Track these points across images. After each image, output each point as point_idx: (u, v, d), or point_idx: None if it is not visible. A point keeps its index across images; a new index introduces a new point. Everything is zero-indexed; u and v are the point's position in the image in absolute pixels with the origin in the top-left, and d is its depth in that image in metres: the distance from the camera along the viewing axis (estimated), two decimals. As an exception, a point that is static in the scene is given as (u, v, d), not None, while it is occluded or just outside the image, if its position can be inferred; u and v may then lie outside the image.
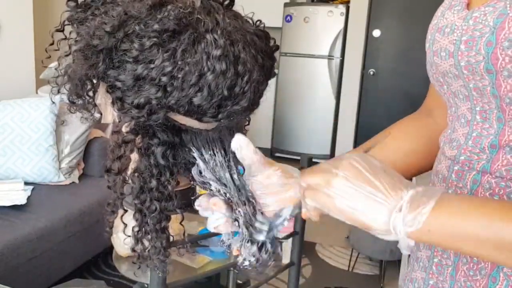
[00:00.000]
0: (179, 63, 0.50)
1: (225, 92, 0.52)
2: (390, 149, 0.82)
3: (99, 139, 3.00)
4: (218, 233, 0.64)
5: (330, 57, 4.92)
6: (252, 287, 1.79)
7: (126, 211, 0.64)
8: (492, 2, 0.59)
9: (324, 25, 4.89)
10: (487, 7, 0.60)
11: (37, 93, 3.30)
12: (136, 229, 0.64)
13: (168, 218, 0.64)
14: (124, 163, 0.59)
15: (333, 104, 5.00)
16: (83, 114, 0.59)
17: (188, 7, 0.52)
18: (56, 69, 0.56)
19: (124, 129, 0.58)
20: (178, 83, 0.51)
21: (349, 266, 3.00)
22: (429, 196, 0.51)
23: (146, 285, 1.29)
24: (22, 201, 2.40)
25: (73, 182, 2.78)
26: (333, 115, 5.02)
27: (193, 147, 0.61)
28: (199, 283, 2.06)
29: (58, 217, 2.37)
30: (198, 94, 0.51)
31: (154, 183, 0.61)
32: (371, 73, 4.92)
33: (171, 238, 0.68)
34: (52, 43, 0.57)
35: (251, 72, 0.54)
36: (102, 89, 0.56)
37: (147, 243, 0.65)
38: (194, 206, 0.64)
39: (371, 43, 4.89)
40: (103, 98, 0.57)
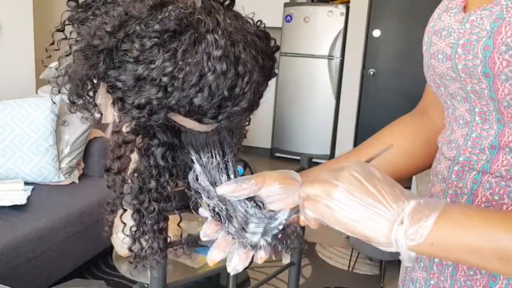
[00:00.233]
0: (180, 63, 0.50)
1: (226, 93, 0.52)
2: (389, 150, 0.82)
3: (99, 139, 3.00)
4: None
5: (330, 57, 4.92)
6: (252, 287, 1.79)
7: (126, 211, 0.64)
8: (489, 6, 0.60)
9: (324, 25, 4.89)
10: (483, 10, 0.60)
11: (37, 93, 3.30)
12: (134, 229, 0.64)
13: (166, 219, 0.64)
14: (124, 163, 0.59)
15: (333, 104, 5.00)
16: (83, 114, 0.59)
17: (189, 7, 0.52)
18: (56, 69, 0.56)
19: (125, 129, 0.58)
20: (178, 84, 0.51)
21: (349, 266, 3.00)
22: (431, 208, 0.50)
23: (146, 285, 1.29)
24: (22, 201, 2.40)
25: (73, 182, 2.78)
26: (333, 115, 5.02)
27: (192, 149, 0.61)
28: (199, 283, 2.07)
29: (58, 217, 2.37)
30: (199, 95, 0.51)
31: (153, 184, 0.61)
32: (371, 73, 4.92)
33: (168, 239, 0.68)
34: (53, 43, 0.57)
35: (251, 72, 0.54)
36: (102, 89, 0.56)
37: (144, 243, 0.65)
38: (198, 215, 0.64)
39: (371, 43, 4.89)
40: (103, 98, 0.57)
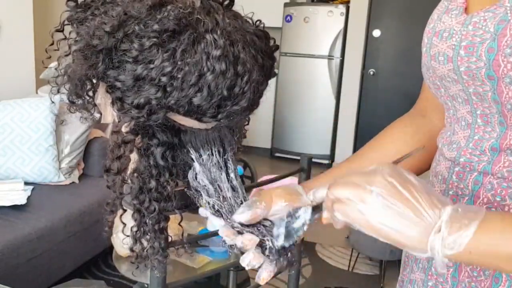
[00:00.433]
0: (179, 63, 0.50)
1: (225, 92, 0.52)
2: (392, 152, 0.81)
3: (99, 139, 3.00)
4: (218, 233, 0.64)
5: (330, 57, 4.92)
6: (252, 287, 1.79)
7: (125, 211, 0.64)
8: (492, 8, 0.59)
9: (324, 25, 4.89)
10: (486, 12, 0.59)
11: (37, 93, 3.30)
12: (135, 229, 0.64)
13: (166, 219, 0.64)
14: (123, 163, 0.59)
15: (333, 104, 5.00)
16: (82, 114, 0.59)
17: (188, 7, 0.52)
18: (56, 69, 0.56)
19: (124, 129, 0.58)
20: (177, 83, 0.51)
21: (349, 266, 2.99)
22: (470, 217, 0.49)
23: (146, 285, 1.29)
24: (22, 201, 2.40)
25: (73, 182, 2.78)
26: (333, 115, 5.02)
27: (192, 148, 0.61)
28: (199, 283, 2.07)
29: (58, 217, 2.37)
30: (198, 94, 0.51)
31: (153, 183, 0.61)
32: (371, 73, 4.92)
33: (169, 239, 0.68)
34: (52, 43, 0.57)
35: (250, 72, 0.54)
36: (102, 89, 0.56)
37: (145, 243, 0.64)
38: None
39: (371, 43, 4.89)
40: (103, 98, 0.57)
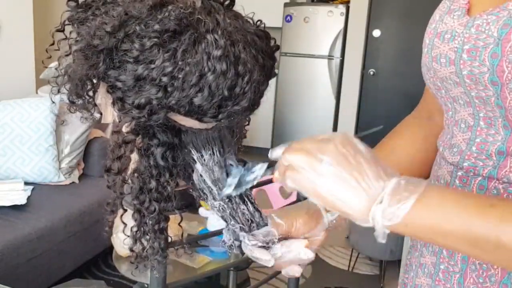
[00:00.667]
0: (180, 63, 0.50)
1: (226, 93, 0.52)
2: (402, 155, 0.81)
3: (99, 139, 3.00)
4: (218, 233, 0.64)
5: (330, 57, 4.92)
6: (252, 287, 1.79)
7: (126, 211, 0.64)
8: (495, 11, 0.57)
9: (324, 25, 4.89)
10: (489, 15, 0.58)
11: (37, 93, 3.30)
12: (135, 229, 0.64)
13: (166, 219, 0.64)
14: (124, 163, 0.59)
15: (333, 104, 5.00)
16: (83, 114, 0.59)
17: (189, 7, 0.52)
18: (56, 69, 0.56)
19: (125, 129, 0.58)
20: (178, 84, 0.51)
21: (349, 266, 2.99)
22: (410, 190, 0.50)
23: (146, 285, 1.29)
24: (22, 201, 2.40)
25: (73, 182, 2.78)
26: (333, 115, 5.02)
27: (193, 148, 0.61)
28: (199, 283, 2.06)
29: (58, 217, 2.37)
30: (199, 95, 0.51)
31: (153, 184, 0.61)
32: (371, 73, 4.92)
33: (169, 239, 0.68)
34: (53, 43, 0.57)
35: (251, 72, 0.54)
36: (102, 89, 0.56)
37: (145, 243, 0.64)
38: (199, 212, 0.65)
39: (371, 43, 4.89)
40: (103, 98, 0.57)
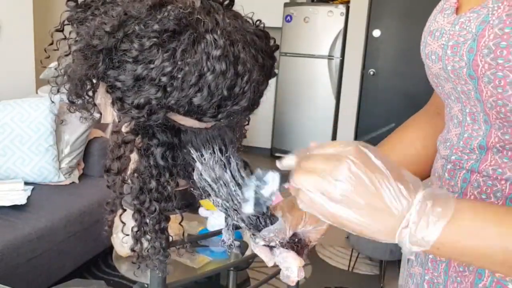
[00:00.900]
0: (179, 63, 0.50)
1: (225, 92, 0.52)
2: (408, 149, 0.83)
3: (99, 139, 3.01)
4: (218, 233, 0.64)
5: (330, 57, 4.92)
6: (252, 287, 1.79)
7: (125, 211, 0.64)
8: (477, 8, 0.60)
9: (324, 25, 4.89)
10: (472, 13, 0.61)
11: (37, 93, 3.30)
12: (135, 229, 0.64)
13: (167, 219, 0.64)
14: (123, 163, 0.59)
15: (333, 104, 5.00)
16: (82, 114, 0.59)
17: (188, 7, 0.52)
18: (56, 69, 0.56)
19: (124, 129, 0.58)
20: (178, 83, 0.51)
21: (349, 266, 3.00)
22: (438, 214, 0.48)
23: (146, 285, 1.29)
24: (22, 201, 2.40)
25: (73, 182, 2.78)
26: (333, 115, 5.02)
27: (192, 147, 0.61)
28: (199, 283, 2.06)
29: (58, 217, 2.37)
30: (198, 94, 0.51)
31: (153, 184, 0.61)
32: (371, 73, 4.92)
33: (170, 239, 0.68)
34: (52, 43, 0.57)
35: (251, 72, 0.54)
36: (102, 89, 0.56)
37: (146, 243, 0.64)
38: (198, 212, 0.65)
39: (371, 43, 4.89)
40: (103, 98, 0.57)
